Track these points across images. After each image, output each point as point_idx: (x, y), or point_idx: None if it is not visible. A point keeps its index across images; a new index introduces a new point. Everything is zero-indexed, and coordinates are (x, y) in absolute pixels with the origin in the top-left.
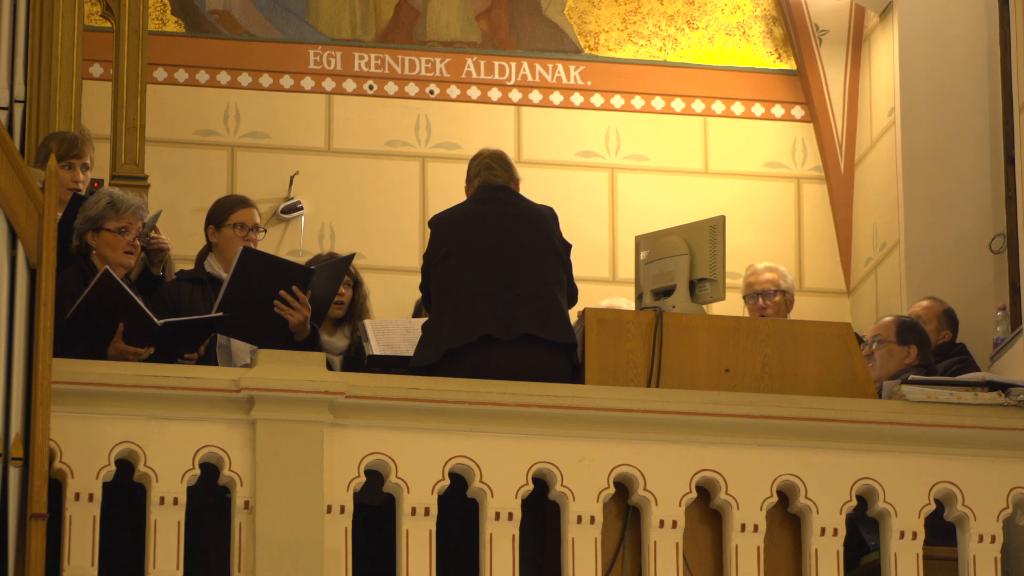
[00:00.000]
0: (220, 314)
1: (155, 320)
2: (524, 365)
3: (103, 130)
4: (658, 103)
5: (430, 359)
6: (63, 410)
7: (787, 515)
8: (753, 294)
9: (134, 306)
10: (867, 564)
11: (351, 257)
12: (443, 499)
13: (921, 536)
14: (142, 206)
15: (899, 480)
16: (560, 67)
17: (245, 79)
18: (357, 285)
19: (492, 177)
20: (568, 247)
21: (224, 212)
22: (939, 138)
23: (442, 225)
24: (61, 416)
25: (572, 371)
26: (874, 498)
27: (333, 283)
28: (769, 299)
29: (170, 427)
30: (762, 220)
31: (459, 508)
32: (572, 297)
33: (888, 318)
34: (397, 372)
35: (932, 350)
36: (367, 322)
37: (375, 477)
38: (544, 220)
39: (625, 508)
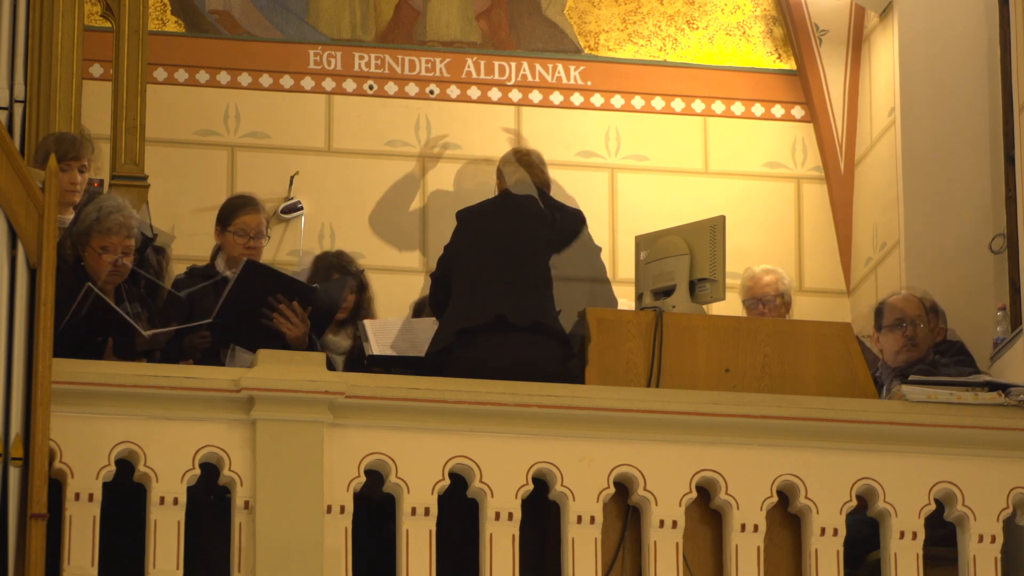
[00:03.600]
0: (210, 321)
1: (142, 332)
2: (534, 352)
3: (103, 130)
4: (658, 103)
5: (444, 342)
6: (63, 410)
7: (787, 515)
8: (753, 300)
9: (121, 321)
10: (873, 562)
11: (357, 275)
12: (443, 499)
13: (921, 536)
14: (131, 225)
15: (899, 480)
16: (560, 67)
17: (245, 79)
18: (362, 289)
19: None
20: (550, 210)
21: (229, 215)
22: (939, 138)
23: (469, 219)
24: (61, 416)
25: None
26: (874, 498)
27: (335, 298)
28: (770, 303)
29: (170, 427)
30: (762, 220)
31: (459, 508)
32: (577, 219)
33: (908, 297)
34: (397, 372)
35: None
36: (367, 322)
37: (376, 472)
38: (535, 220)
39: (625, 508)
